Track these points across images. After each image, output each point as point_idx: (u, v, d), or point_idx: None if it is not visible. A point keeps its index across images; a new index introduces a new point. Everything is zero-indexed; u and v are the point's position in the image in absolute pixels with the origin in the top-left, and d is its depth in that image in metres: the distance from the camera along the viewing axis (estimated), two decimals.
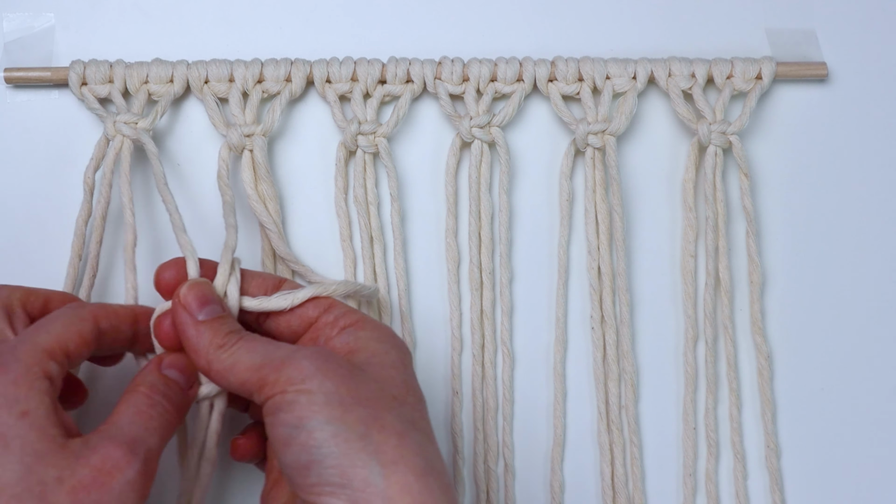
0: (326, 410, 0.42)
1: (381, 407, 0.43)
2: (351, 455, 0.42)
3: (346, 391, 0.43)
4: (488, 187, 0.59)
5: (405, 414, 0.44)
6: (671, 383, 0.60)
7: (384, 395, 0.44)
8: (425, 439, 0.44)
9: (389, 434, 0.42)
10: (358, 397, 0.43)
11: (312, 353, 0.44)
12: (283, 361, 0.44)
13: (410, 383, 0.46)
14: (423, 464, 0.42)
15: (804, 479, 0.59)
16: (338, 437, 0.42)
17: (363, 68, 0.58)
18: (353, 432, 0.42)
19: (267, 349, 0.45)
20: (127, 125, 0.56)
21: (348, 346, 0.47)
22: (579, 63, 0.59)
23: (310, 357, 0.44)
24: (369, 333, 0.47)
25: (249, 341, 0.46)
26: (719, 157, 0.59)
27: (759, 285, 0.59)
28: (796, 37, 0.62)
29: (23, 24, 0.60)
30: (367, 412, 0.42)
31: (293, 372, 0.43)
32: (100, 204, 0.56)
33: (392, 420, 0.43)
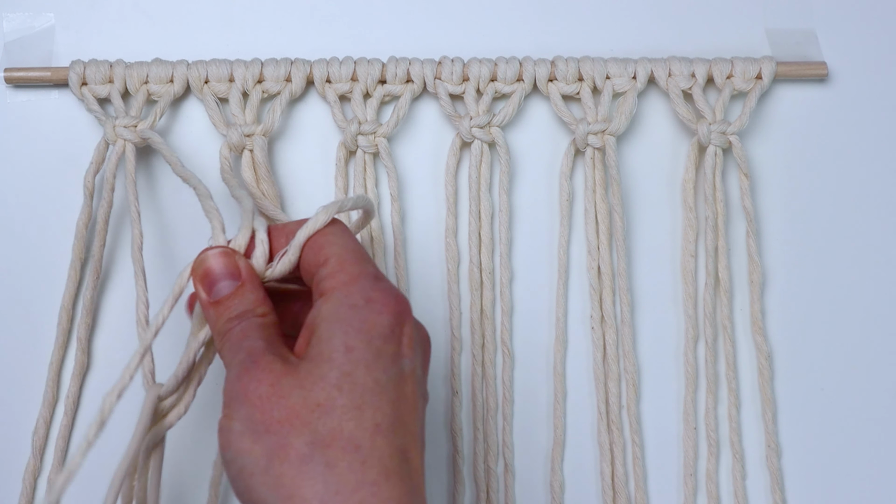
0: (238, 442, 0.41)
1: (294, 427, 0.41)
2: (256, 490, 0.41)
3: (259, 415, 0.41)
4: (488, 187, 0.59)
5: (324, 426, 0.41)
6: (671, 383, 0.60)
7: (305, 407, 0.41)
8: (341, 453, 0.40)
9: (291, 462, 0.40)
10: (270, 420, 0.41)
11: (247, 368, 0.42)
12: (229, 375, 0.43)
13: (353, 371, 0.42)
14: (322, 492, 0.40)
15: (804, 479, 0.59)
16: (244, 471, 0.41)
17: (363, 68, 0.58)
18: (257, 466, 0.41)
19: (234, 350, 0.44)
20: (127, 129, 0.56)
21: (311, 325, 0.44)
22: (579, 63, 0.59)
23: (243, 375, 0.42)
24: (330, 308, 0.43)
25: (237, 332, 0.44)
26: (719, 157, 0.59)
27: (759, 285, 0.59)
28: (796, 37, 0.62)
29: (23, 24, 0.60)
30: (273, 440, 0.41)
31: (228, 393, 0.43)
32: (102, 208, 0.56)
33: (300, 443, 0.40)
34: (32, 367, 0.57)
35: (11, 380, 0.58)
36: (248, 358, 0.43)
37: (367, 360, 0.42)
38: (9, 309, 0.58)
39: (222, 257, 0.46)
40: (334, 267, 0.44)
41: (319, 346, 0.42)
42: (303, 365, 0.42)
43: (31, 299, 0.58)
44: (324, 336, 0.42)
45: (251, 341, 0.43)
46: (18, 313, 0.58)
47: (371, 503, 0.40)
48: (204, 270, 0.46)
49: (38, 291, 0.58)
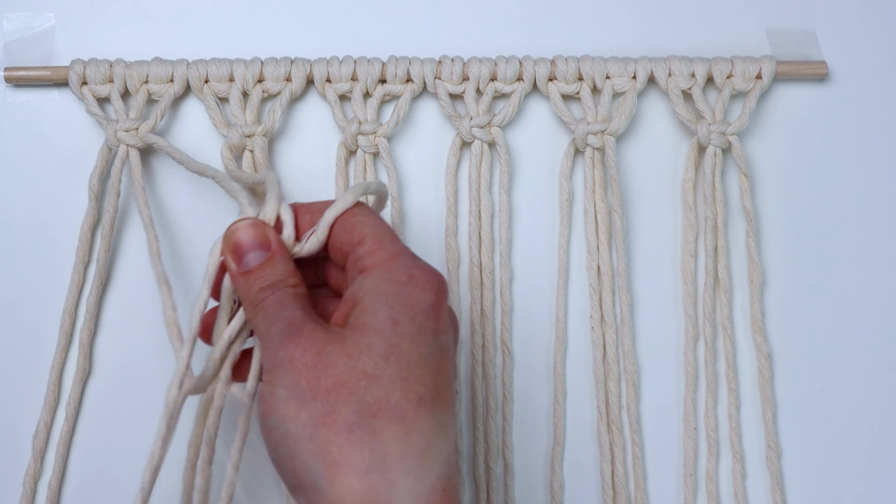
0: (283, 408, 0.41)
1: (341, 395, 0.41)
2: (299, 458, 0.41)
3: (306, 383, 0.41)
4: (488, 187, 0.59)
5: (371, 395, 0.41)
6: (671, 383, 0.59)
7: (352, 376, 0.41)
8: (386, 422, 0.41)
9: (339, 430, 0.41)
10: (317, 388, 0.41)
11: (289, 335, 0.43)
12: (269, 343, 0.43)
13: (399, 343, 0.42)
14: (369, 460, 0.40)
15: (805, 479, 0.59)
16: (288, 437, 0.41)
17: (363, 68, 0.58)
18: (302, 432, 0.41)
19: (272, 319, 0.44)
20: (128, 133, 0.56)
21: (352, 299, 0.44)
22: (579, 62, 0.59)
23: (285, 343, 0.42)
24: (372, 283, 0.44)
25: (272, 301, 0.45)
26: (719, 157, 0.59)
27: (759, 285, 0.59)
28: (796, 36, 0.62)
29: (23, 24, 0.60)
30: (320, 407, 0.41)
31: (269, 360, 0.43)
32: (108, 212, 0.56)
33: (347, 412, 0.41)
34: (34, 370, 0.57)
35: (13, 382, 0.58)
36: (289, 326, 0.43)
37: (412, 334, 0.43)
38: (9, 309, 0.58)
39: (252, 228, 0.46)
40: (372, 245, 0.45)
41: (365, 317, 0.43)
42: (348, 335, 0.43)
43: (31, 300, 0.58)
44: (369, 309, 0.43)
45: (289, 310, 0.44)
46: (19, 315, 0.58)
47: (415, 474, 0.41)
48: (234, 242, 0.46)
49: (39, 292, 0.58)
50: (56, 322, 0.57)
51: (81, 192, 0.58)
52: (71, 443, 0.57)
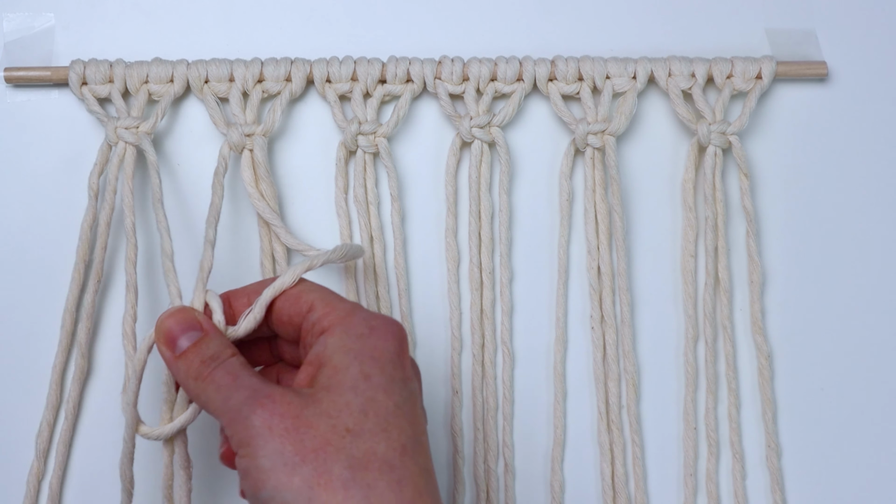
0: (273, 478, 0.41)
1: (329, 455, 0.42)
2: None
3: (291, 449, 0.42)
4: (488, 187, 0.59)
5: (358, 450, 0.42)
6: (671, 383, 0.60)
7: (335, 434, 0.42)
8: (377, 474, 0.42)
9: (335, 488, 0.41)
10: (304, 451, 0.41)
11: (260, 402, 0.43)
12: (235, 415, 0.43)
13: (375, 396, 0.43)
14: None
15: (804, 479, 0.59)
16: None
17: (363, 68, 0.58)
18: (299, 498, 0.41)
19: (228, 391, 0.44)
20: (128, 130, 0.56)
21: (317, 360, 0.45)
22: (579, 63, 0.59)
23: (256, 411, 0.43)
24: (337, 341, 0.45)
25: (221, 374, 0.45)
26: (719, 157, 0.59)
27: (759, 285, 0.59)
28: (796, 37, 0.62)
29: (23, 24, 0.60)
30: (311, 469, 0.41)
31: (242, 432, 0.43)
32: (104, 211, 0.56)
33: (339, 469, 0.41)
34: (36, 371, 0.57)
35: (15, 383, 0.58)
36: (255, 394, 0.43)
37: (384, 385, 0.44)
38: (9, 310, 0.58)
39: (179, 313, 0.47)
40: (324, 308, 0.46)
41: (337, 375, 0.44)
42: (322, 395, 0.43)
43: (31, 301, 0.58)
44: (340, 366, 0.44)
45: (246, 379, 0.44)
46: (20, 315, 0.58)
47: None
48: (164, 330, 0.47)
49: (40, 293, 0.58)
50: (57, 322, 0.57)
51: (81, 192, 0.58)
52: (71, 444, 0.57)
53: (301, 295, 0.47)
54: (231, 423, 0.43)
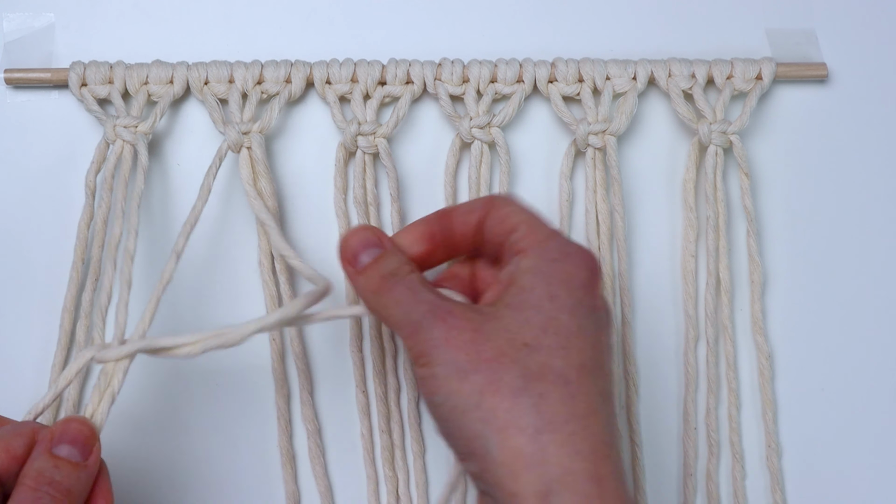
0: (446, 385, 0.42)
1: (503, 364, 0.42)
2: (467, 426, 0.42)
3: (465, 358, 0.42)
4: (488, 188, 0.59)
5: (534, 362, 0.42)
6: (672, 383, 0.60)
7: (512, 346, 0.43)
8: (551, 386, 0.42)
9: (504, 396, 0.42)
10: (478, 361, 0.42)
11: (438, 317, 0.44)
12: (416, 328, 0.44)
13: (557, 316, 0.44)
14: (537, 422, 0.41)
15: (805, 479, 0.59)
16: (455, 410, 0.42)
17: (363, 69, 0.58)
18: (468, 403, 0.42)
19: (408, 305, 0.45)
20: (126, 129, 0.56)
21: (507, 279, 0.46)
22: (579, 64, 0.59)
23: (434, 324, 0.44)
24: (529, 262, 0.45)
25: (401, 289, 0.46)
26: (720, 156, 0.59)
27: (759, 285, 0.59)
28: (796, 37, 0.62)
29: (23, 24, 0.60)
30: (483, 377, 0.42)
31: (420, 343, 0.44)
32: (101, 209, 0.56)
33: (511, 378, 0.42)
34: (35, 370, 0.57)
35: (15, 381, 0.58)
36: (435, 309, 0.44)
37: (570, 307, 0.44)
38: (9, 310, 0.58)
39: (362, 231, 0.48)
40: (526, 230, 0.46)
41: (522, 294, 0.44)
42: (504, 312, 0.44)
43: (31, 300, 0.58)
44: (527, 286, 0.45)
45: (426, 294, 0.45)
46: (20, 314, 0.58)
47: (581, 436, 0.41)
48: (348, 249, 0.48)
49: (39, 292, 0.58)
50: (56, 320, 0.57)
51: (80, 192, 0.57)
52: None
53: (509, 215, 0.47)
54: (411, 335, 0.44)
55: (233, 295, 0.58)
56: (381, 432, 0.58)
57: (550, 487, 0.40)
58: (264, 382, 0.58)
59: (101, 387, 0.47)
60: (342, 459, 0.58)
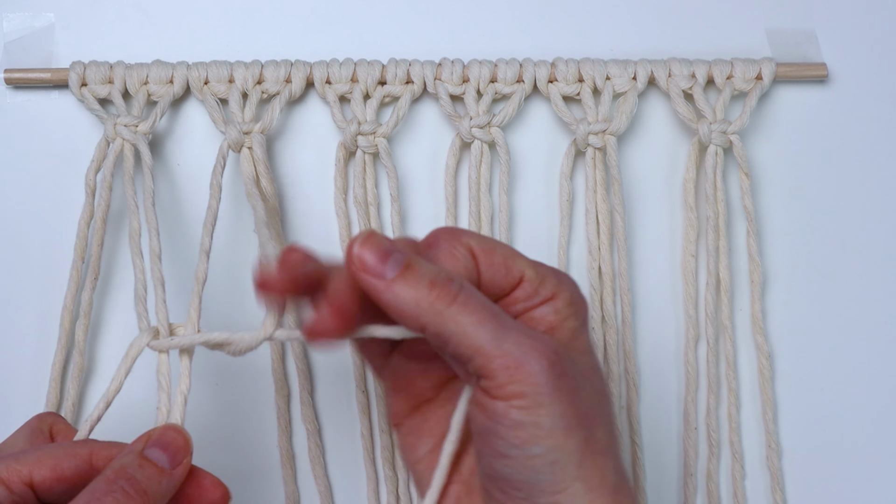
0: (551, 438, 0.39)
1: (595, 419, 0.41)
2: (563, 482, 0.40)
3: (572, 413, 0.40)
4: (488, 188, 0.59)
5: (608, 415, 0.42)
6: (672, 383, 0.60)
7: (597, 401, 0.41)
8: (615, 441, 0.42)
9: (597, 455, 0.40)
10: (578, 415, 0.40)
11: (546, 357, 0.40)
12: (517, 364, 0.39)
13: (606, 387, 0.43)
14: (616, 479, 0.41)
15: (805, 479, 0.59)
16: (555, 465, 0.40)
17: (363, 69, 0.58)
18: (569, 459, 0.40)
19: (496, 330, 0.40)
20: (127, 128, 0.56)
21: (548, 322, 0.42)
22: (579, 64, 0.59)
23: (544, 366, 0.39)
24: (563, 302, 0.42)
25: (470, 305, 0.40)
26: (720, 156, 0.59)
27: (759, 285, 0.59)
28: (796, 37, 0.62)
29: (23, 24, 0.60)
30: (583, 434, 0.40)
31: (526, 384, 0.39)
32: (100, 206, 0.56)
33: (601, 435, 0.41)
34: (35, 369, 0.57)
35: (15, 381, 0.58)
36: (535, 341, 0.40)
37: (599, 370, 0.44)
38: (10, 309, 0.58)
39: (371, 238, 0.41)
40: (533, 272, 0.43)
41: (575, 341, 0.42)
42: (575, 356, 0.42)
43: (31, 300, 0.58)
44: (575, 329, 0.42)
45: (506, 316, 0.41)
46: (20, 314, 0.58)
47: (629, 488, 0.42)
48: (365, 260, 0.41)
49: (40, 292, 0.58)
50: (56, 319, 0.57)
51: (80, 192, 0.58)
52: None
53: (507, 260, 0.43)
54: (508, 370, 0.39)
55: (234, 294, 0.58)
56: (381, 432, 0.58)
57: None
58: (264, 382, 0.58)
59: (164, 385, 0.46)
60: (342, 459, 0.58)
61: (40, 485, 0.42)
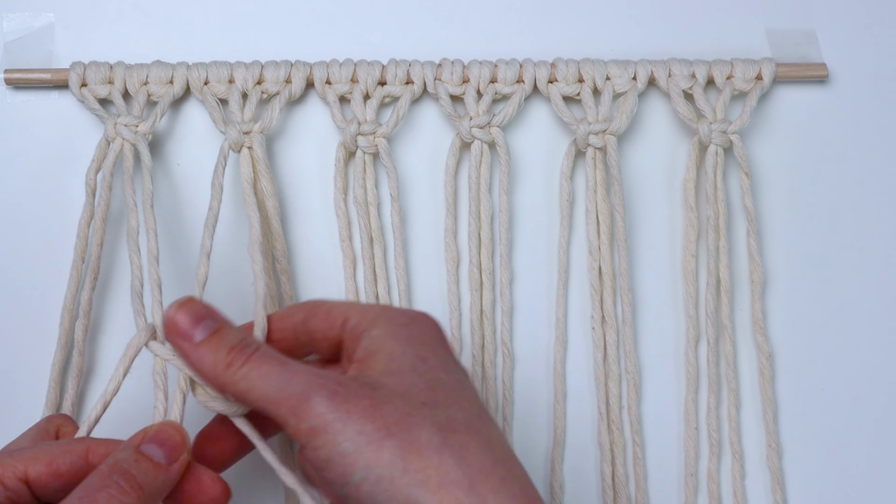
0: (361, 459, 0.40)
1: (412, 425, 0.41)
2: (399, 494, 0.40)
3: (371, 427, 0.40)
4: (488, 188, 0.59)
5: (438, 418, 0.41)
6: (672, 383, 0.59)
7: (412, 407, 0.41)
8: (466, 436, 0.41)
9: (429, 455, 0.40)
10: (386, 427, 0.40)
11: (326, 388, 0.41)
12: (300, 402, 0.41)
13: (436, 375, 0.43)
14: (469, 473, 0.40)
15: (805, 479, 0.59)
16: (381, 481, 0.40)
17: (363, 69, 0.58)
18: (393, 469, 0.40)
19: (281, 377, 0.42)
20: (127, 128, 0.56)
21: (366, 353, 0.44)
22: (579, 64, 0.59)
23: (325, 397, 0.41)
24: (383, 331, 0.44)
25: (260, 361, 0.43)
26: (720, 156, 0.59)
27: (760, 285, 0.59)
28: (796, 37, 0.62)
29: (23, 24, 0.60)
30: (399, 440, 0.40)
31: (312, 420, 0.41)
32: (100, 206, 0.56)
33: (427, 436, 0.40)
34: (35, 369, 0.57)
35: (14, 381, 0.58)
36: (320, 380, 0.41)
37: (442, 365, 0.44)
38: (10, 310, 0.58)
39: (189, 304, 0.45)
40: (359, 313, 0.45)
41: (394, 361, 0.43)
42: (385, 379, 0.42)
43: (31, 300, 0.58)
44: (394, 353, 0.43)
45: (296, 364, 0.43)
46: (19, 314, 0.58)
47: (509, 480, 0.41)
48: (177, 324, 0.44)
49: (39, 292, 0.58)
50: (56, 319, 0.57)
51: (80, 192, 0.57)
52: None
53: (331, 310, 0.46)
54: (294, 412, 0.41)
55: (235, 293, 0.58)
56: None
57: None
58: None
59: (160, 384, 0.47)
60: None
61: (35, 481, 0.42)
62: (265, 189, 0.57)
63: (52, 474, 0.42)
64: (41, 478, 0.42)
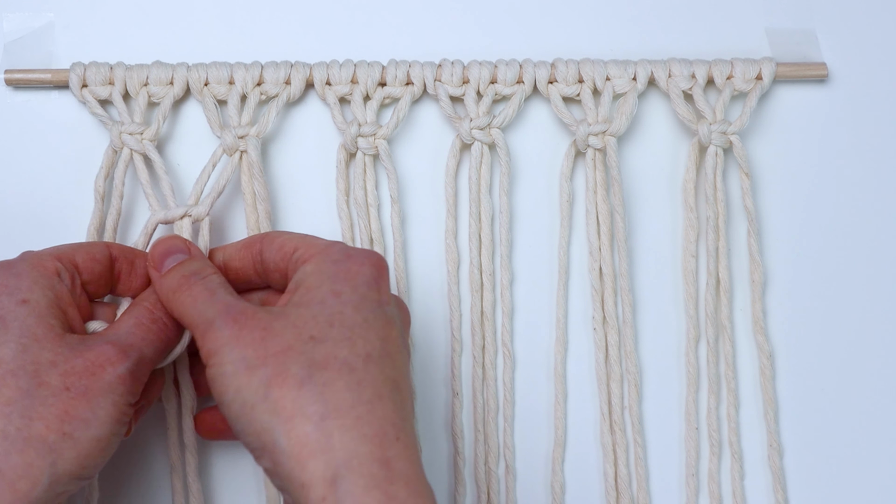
0: (234, 381, 0.43)
1: (289, 357, 0.43)
2: (257, 420, 0.42)
3: (253, 353, 0.43)
4: (488, 189, 0.59)
5: (319, 353, 0.43)
6: (673, 383, 0.60)
7: (299, 340, 0.44)
8: (335, 374, 0.43)
9: (290, 386, 0.42)
10: (265, 355, 0.43)
11: (230, 315, 0.45)
12: (208, 327, 0.45)
13: (342, 310, 0.45)
14: (322, 409, 0.42)
15: (806, 479, 0.59)
16: (245, 405, 0.43)
17: (363, 71, 0.58)
18: (256, 396, 0.42)
19: (203, 304, 0.46)
20: (132, 136, 0.56)
21: (294, 286, 0.47)
22: (579, 65, 0.59)
23: (226, 322, 0.45)
24: (313, 266, 0.47)
25: (196, 289, 0.47)
26: (720, 156, 0.59)
27: (760, 285, 0.59)
28: (796, 37, 0.62)
29: (23, 24, 0.60)
30: (269, 370, 0.43)
31: (210, 342, 0.45)
32: (111, 214, 0.56)
33: (297, 369, 0.43)
34: None
35: None
36: (229, 309, 0.45)
37: (355, 302, 0.46)
38: None
39: (169, 240, 0.50)
40: (307, 246, 0.48)
41: (308, 294, 0.46)
42: (291, 310, 0.45)
43: None
44: (312, 286, 0.46)
45: (222, 296, 0.47)
46: None
47: (367, 420, 0.42)
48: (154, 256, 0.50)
49: None
50: None
51: (83, 193, 0.58)
52: None
53: (285, 242, 0.49)
54: (203, 334, 0.45)
55: None
56: None
57: (337, 472, 0.41)
58: None
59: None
60: None
61: (81, 265, 0.49)
62: (258, 193, 0.57)
63: (91, 259, 0.49)
64: (85, 262, 0.49)
